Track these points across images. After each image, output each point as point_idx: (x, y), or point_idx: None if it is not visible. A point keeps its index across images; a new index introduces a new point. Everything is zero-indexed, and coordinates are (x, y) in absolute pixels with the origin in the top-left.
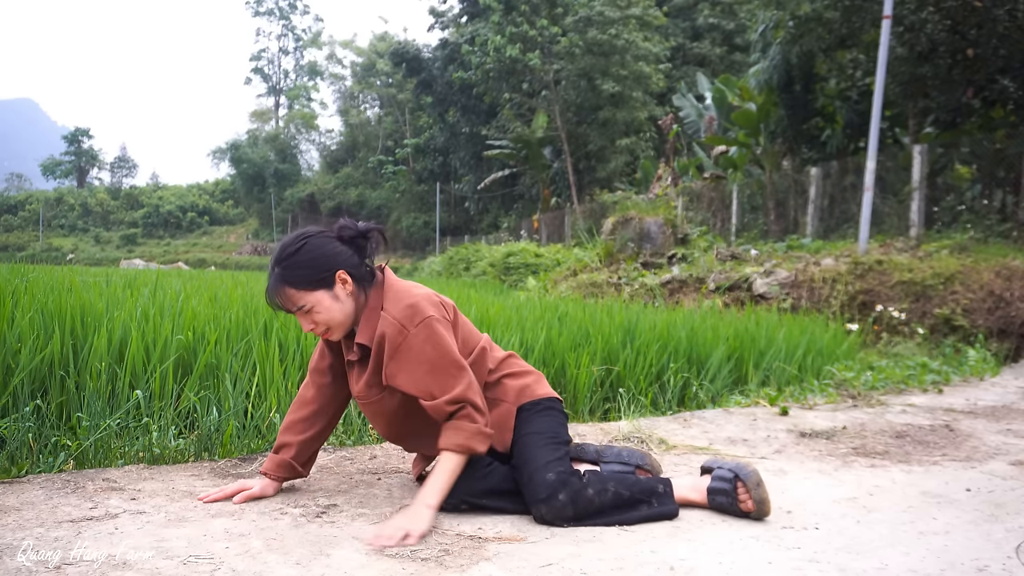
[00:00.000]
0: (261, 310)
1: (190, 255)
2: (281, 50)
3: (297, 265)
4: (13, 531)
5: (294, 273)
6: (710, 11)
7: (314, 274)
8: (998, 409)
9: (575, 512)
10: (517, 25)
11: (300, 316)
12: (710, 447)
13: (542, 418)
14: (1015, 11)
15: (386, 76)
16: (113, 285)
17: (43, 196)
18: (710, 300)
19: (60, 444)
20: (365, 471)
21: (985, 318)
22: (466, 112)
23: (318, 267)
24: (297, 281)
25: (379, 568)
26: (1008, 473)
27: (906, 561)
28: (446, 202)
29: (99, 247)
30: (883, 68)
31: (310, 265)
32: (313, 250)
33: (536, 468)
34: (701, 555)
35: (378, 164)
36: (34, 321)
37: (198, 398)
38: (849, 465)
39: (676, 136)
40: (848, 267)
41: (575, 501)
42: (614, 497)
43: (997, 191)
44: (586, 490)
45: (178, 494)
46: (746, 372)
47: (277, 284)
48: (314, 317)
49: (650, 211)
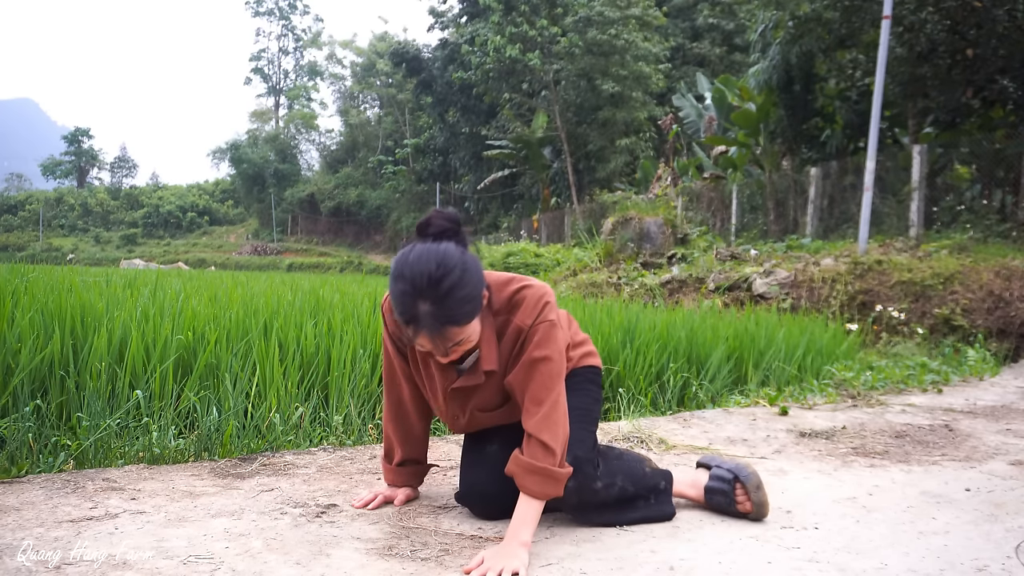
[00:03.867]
0: (261, 310)
1: (190, 255)
2: (281, 50)
3: (464, 300)
4: (13, 531)
5: (460, 310)
6: (710, 11)
7: (476, 306)
8: (998, 409)
9: (578, 500)
10: (517, 25)
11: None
12: (710, 447)
13: (577, 393)
14: (1015, 11)
15: (386, 76)
16: (113, 285)
17: (43, 196)
18: (710, 300)
19: (60, 444)
20: (365, 471)
21: (985, 318)
22: (466, 112)
23: (478, 295)
24: (461, 318)
25: (379, 568)
26: (1008, 473)
27: (906, 561)
28: (446, 202)
29: (99, 247)
30: (883, 68)
31: (473, 298)
32: (471, 275)
33: None
34: (701, 555)
35: (378, 164)
36: (34, 321)
37: (198, 398)
38: (849, 465)
39: (676, 136)
40: (848, 267)
41: (580, 491)
42: (619, 493)
43: (997, 191)
44: (595, 483)
45: (178, 494)
46: (746, 372)
47: (438, 326)
48: (462, 347)
49: (650, 211)
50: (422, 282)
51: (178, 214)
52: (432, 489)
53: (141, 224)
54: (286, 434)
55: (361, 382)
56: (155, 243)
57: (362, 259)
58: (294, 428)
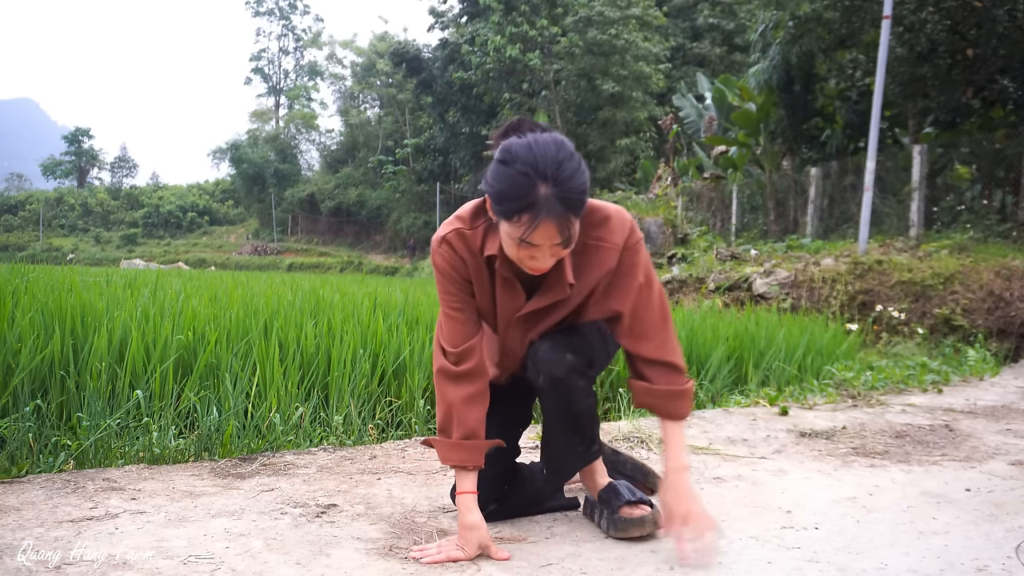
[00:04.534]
0: (261, 310)
1: (190, 255)
2: (281, 50)
3: (583, 189)
4: (13, 531)
5: (580, 199)
6: (710, 11)
7: (586, 200)
8: (998, 409)
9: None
10: (517, 25)
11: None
12: (710, 447)
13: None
14: (1015, 11)
15: (386, 76)
16: (113, 285)
17: (43, 196)
18: (710, 300)
19: (60, 444)
20: (365, 471)
21: (985, 318)
22: (466, 112)
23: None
24: (579, 207)
25: (379, 568)
26: (1008, 473)
27: (906, 561)
28: (446, 202)
29: (99, 247)
30: (883, 68)
31: (587, 189)
32: (584, 165)
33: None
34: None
35: (378, 164)
36: (34, 321)
37: (198, 398)
38: (849, 465)
39: (676, 136)
40: (848, 267)
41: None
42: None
43: (997, 191)
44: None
45: (178, 494)
46: (746, 372)
47: (563, 211)
48: (569, 247)
49: (650, 211)
50: (545, 164)
51: (178, 214)
52: (432, 489)
53: (141, 224)
54: (286, 434)
55: (361, 382)
56: (155, 243)
57: (362, 259)
58: (294, 428)
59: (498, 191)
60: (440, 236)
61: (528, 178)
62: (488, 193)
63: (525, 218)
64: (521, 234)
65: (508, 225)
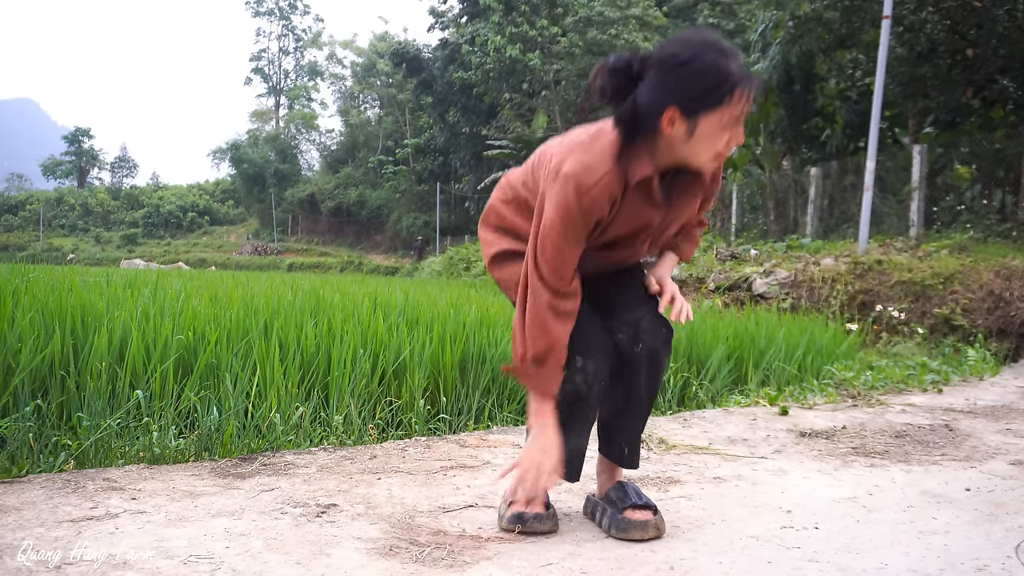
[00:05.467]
0: (261, 310)
1: (190, 255)
2: (281, 50)
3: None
4: (13, 531)
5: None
6: (710, 11)
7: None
8: (998, 409)
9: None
10: (517, 25)
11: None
12: (710, 447)
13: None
14: (1015, 11)
15: (386, 76)
16: (113, 285)
17: (43, 196)
18: (710, 300)
19: (60, 444)
20: (365, 471)
21: (985, 318)
22: (466, 112)
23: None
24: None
25: (379, 568)
26: (1008, 473)
27: (906, 561)
28: (446, 202)
29: (99, 247)
30: (883, 68)
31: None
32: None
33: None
34: (701, 555)
35: (378, 164)
36: (34, 321)
37: (198, 398)
38: (849, 465)
39: None
40: (848, 267)
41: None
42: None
43: (997, 191)
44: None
45: (178, 494)
46: (746, 372)
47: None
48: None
49: None
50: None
51: (178, 214)
52: (432, 489)
53: (141, 224)
54: (286, 434)
55: (361, 382)
56: (155, 243)
57: (362, 259)
58: (294, 428)
59: (701, 85)
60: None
61: (723, 58)
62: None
63: (737, 93)
64: (741, 108)
65: (722, 110)
